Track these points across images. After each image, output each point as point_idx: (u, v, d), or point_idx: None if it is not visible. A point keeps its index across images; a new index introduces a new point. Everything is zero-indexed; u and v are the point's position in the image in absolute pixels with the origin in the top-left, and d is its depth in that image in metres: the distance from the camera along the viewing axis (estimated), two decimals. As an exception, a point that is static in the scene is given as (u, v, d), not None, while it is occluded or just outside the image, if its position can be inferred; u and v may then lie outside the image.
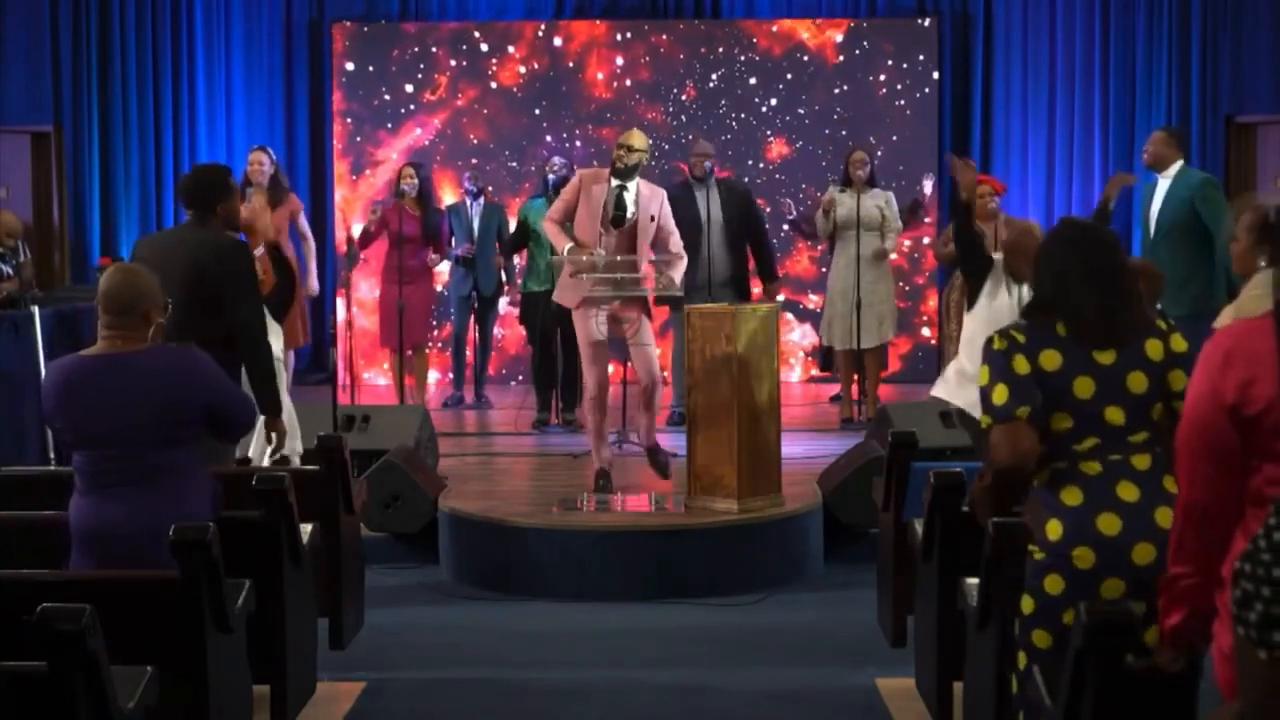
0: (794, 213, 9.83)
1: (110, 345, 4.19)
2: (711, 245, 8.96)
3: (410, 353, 9.78)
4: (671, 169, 11.19)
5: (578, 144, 11.69)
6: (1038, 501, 3.47)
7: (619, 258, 6.90)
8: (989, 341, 3.48)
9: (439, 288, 10.74)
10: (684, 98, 11.95)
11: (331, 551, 5.24)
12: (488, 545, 6.75)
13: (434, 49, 11.85)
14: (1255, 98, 11.12)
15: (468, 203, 9.96)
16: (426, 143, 11.77)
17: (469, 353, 10.31)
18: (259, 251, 6.46)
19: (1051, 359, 3.42)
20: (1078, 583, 3.34)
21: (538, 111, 11.86)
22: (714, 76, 11.98)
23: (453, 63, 11.86)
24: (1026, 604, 3.46)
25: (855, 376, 9.57)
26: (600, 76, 11.93)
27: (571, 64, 11.94)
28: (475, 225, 9.84)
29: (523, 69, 11.90)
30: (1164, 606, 2.97)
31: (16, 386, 8.13)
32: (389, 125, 11.78)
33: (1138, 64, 11.42)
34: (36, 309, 8.41)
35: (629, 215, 7.00)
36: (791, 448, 7.69)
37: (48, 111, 11.38)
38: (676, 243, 7.11)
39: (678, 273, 7.03)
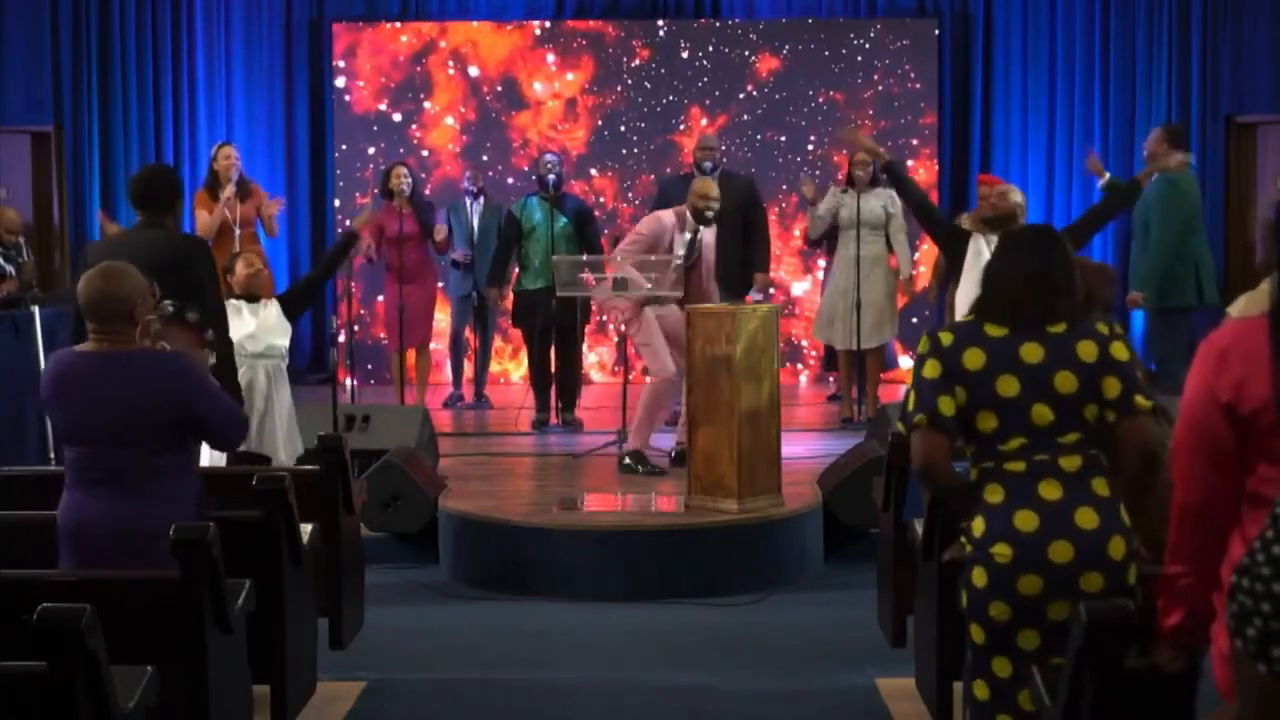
0: (813, 199, 9.42)
1: (99, 345, 4.19)
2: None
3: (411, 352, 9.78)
4: (666, 145, 10.84)
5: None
6: (971, 498, 3.55)
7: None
8: (920, 340, 3.58)
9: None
10: (636, 63, 11.19)
11: (331, 551, 5.23)
12: (488, 545, 6.75)
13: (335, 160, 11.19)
14: (1255, 98, 11.12)
15: (467, 202, 9.94)
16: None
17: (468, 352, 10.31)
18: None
19: (975, 358, 3.46)
20: (998, 577, 3.42)
21: (485, 158, 11.29)
22: (660, 24, 11.25)
23: (370, 149, 11.40)
24: (963, 599, 3.53)
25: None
26: (538, 88, 11.33)
27: (500, 88, 11.30)
28: (475, 225, 9.83)
29: (450, 120, 11.40)
30: (1163, 606, 2.98)
31: (16, 386, 8.12)
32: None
33: (1138, 64, 11.42)
34: (37, 309, 8.41)
35: (696, 255, 7.65)
36: (791, 448, 7.70)
37: (48, 111, 11.39)
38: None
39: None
